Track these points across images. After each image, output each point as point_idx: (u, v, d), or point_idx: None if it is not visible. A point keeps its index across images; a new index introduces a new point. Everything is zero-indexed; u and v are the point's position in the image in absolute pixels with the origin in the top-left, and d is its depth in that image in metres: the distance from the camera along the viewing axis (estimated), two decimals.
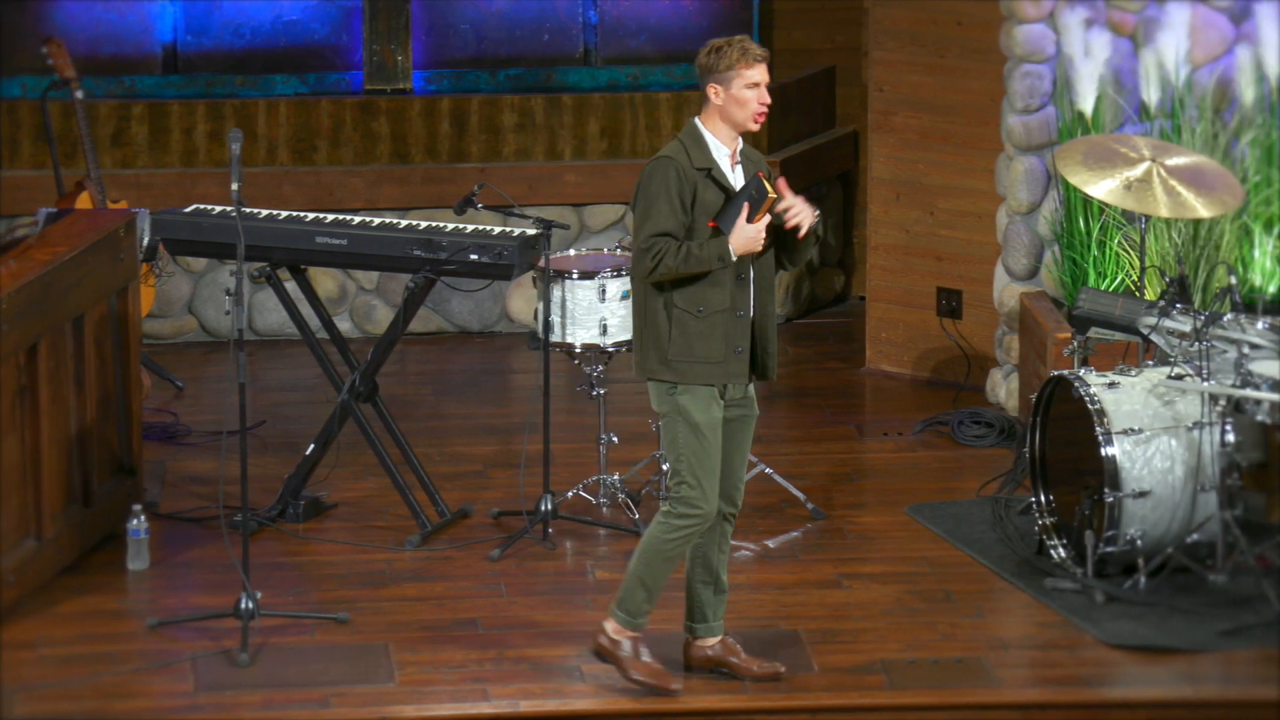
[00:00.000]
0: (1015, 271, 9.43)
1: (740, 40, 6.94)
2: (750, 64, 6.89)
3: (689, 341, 6.92)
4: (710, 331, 6.93)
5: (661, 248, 6.87)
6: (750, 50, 6.91)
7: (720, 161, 6.98)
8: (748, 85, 6.89)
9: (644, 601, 7.06)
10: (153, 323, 10.23)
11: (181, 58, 10.37)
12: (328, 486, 8.61)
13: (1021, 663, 7.39)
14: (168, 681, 7.22)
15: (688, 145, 6.96)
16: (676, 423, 6.95)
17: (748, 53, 6.90)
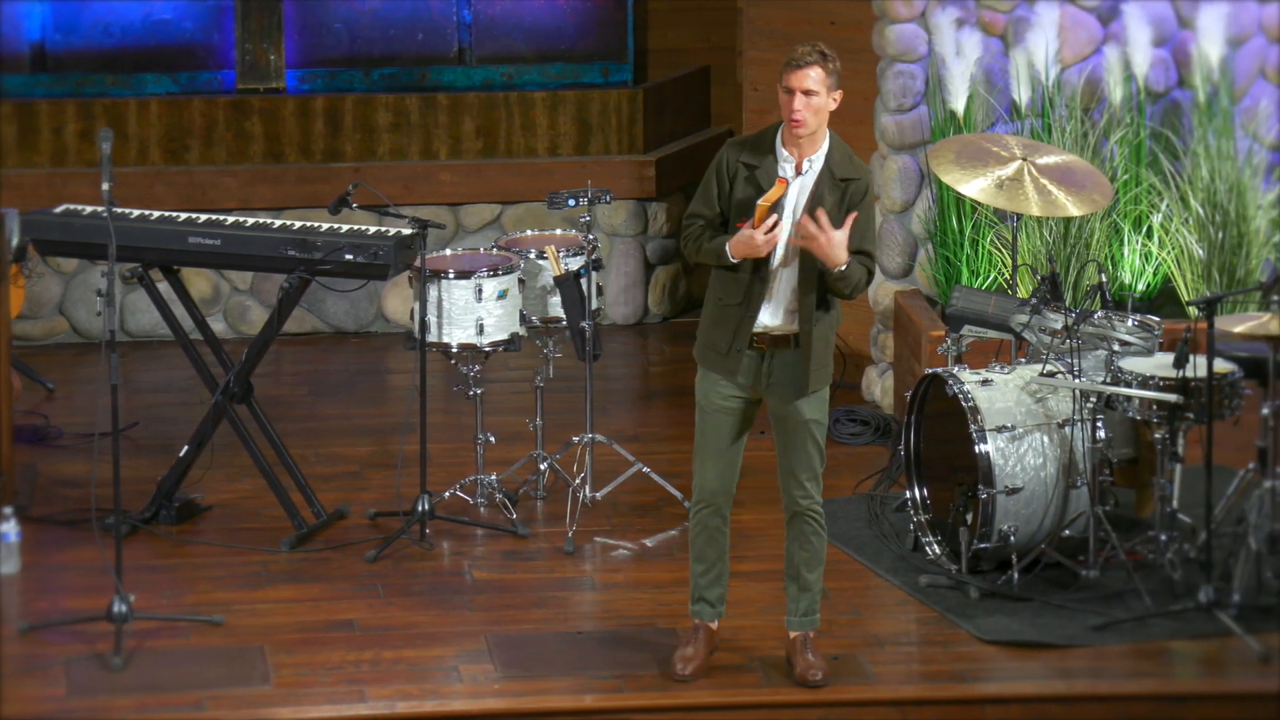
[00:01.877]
0: (890, 270, 9.49)
1: (803, 46, 6.96)
2: (789, 70, 6.93)
3: (708, 326, 7.09)
4: (723, 321, 7.05)
5: (688, 228, 7.05)
6: (793, 57, 6.95)
7: (779, 163, 6.98)
8: (784, 90, 6.94)
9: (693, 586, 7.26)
10: (23, 324, 10.11)
11: (50, 56, 10.26)
12: (202, 488, 8.54)
13: (897, 659, 7.43)
14: (40, 686, 7.15)
15: (753, 138, 7.05)
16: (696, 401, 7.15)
17: (790, 59, 6.95)
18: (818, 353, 7.06)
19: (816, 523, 7.20)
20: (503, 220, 10.45)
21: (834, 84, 6.99)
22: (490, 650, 7.43)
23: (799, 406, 7.09)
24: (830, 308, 7.09)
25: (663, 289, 10.64)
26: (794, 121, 6.92)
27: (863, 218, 7.00)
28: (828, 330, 7.09)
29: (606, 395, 9.63)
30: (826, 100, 6.97)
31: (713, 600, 7.28)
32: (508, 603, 7.78)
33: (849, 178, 7.01)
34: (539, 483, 8.61)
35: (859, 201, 7.01)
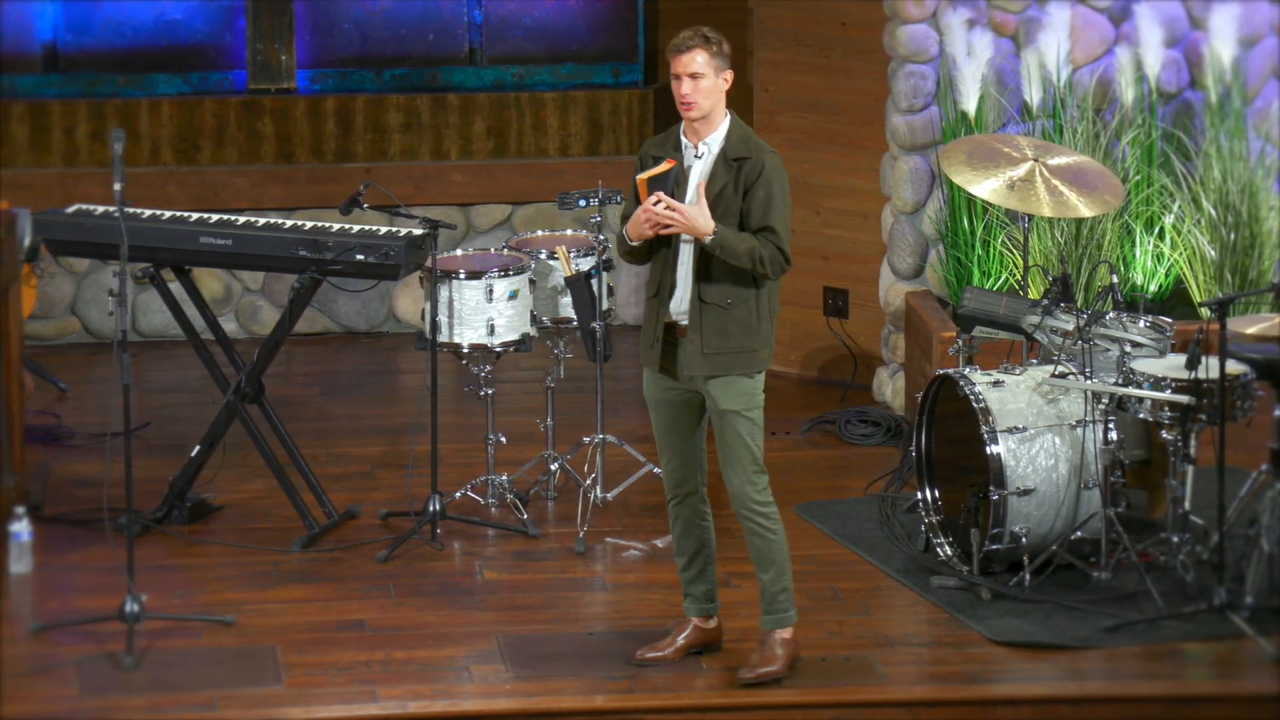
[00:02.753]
0: (900, 271, 9.49)
1: (686, 30, 7.00)
2: (672, 55, 6.99)
3: (642, 322, 7.16)
4: (647, 315, 7.11)
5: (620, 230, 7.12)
6: (675, 42, 6.99)
7: (682, 151, 7.02)
8: (673, 76, 6.98)
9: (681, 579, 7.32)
10: (35, 324, 10.12)
11: (62, 56, 10.27)
12: (214, 488, 8.55)
13: (908, 660, 7.43)
14: (52, 686, 7.15)
15: (665, 134, 7.11)
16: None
17: (673, 44, 6.99)
18: (713, 335, 6.99)
19: (754, 522, 7.13)
20: (513, 221, 10.46)
21: (721, 64, 6.99)
22: (501, 650, 7.43)
23: (714, 395, 7.07)
24: (748, 290, 7.00)
25: None
26: (683, 105, 6.95)
27: (761, 195, 6.97)
28: (745, 314, 7.00)
29: (617, 396, 9.64)
30: (715, 81, 6.97)
31: (697, 595, 7.26)
32: (519, 603, 7.79)
33: (742, 157, 7.00)
34: (550, 483, 8.61)
35: (754, 180, 6.98)
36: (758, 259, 6.95)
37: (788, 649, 7.21)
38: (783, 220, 7.00)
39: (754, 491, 7.10)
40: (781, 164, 7.03)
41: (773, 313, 7.11)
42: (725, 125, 7.01)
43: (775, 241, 6.98)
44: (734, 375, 7.04)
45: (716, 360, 7.03)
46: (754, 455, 7.11)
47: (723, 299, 6.99)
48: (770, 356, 7.14)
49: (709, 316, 7.00)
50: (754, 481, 7.10)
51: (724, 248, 6.93)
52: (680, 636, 7.28)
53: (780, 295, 9.96)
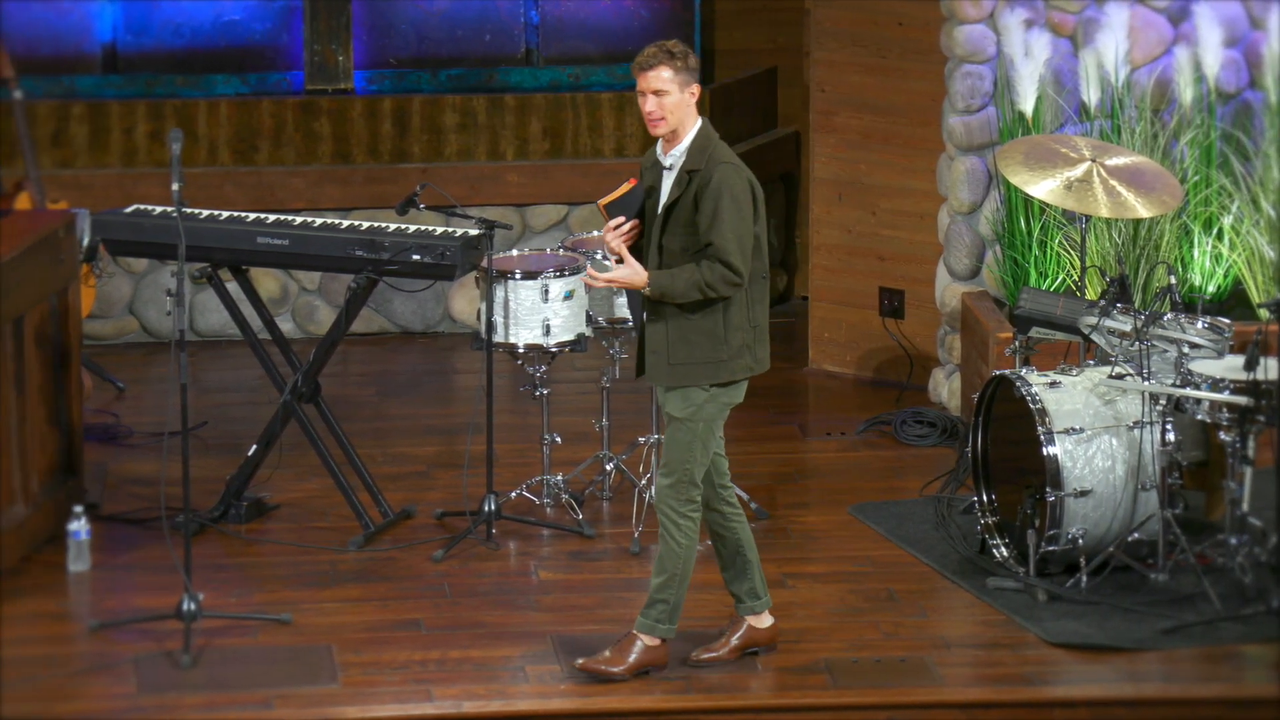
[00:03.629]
0: (957, 271, 9.46)
1: (651, 46, 6.99)
2: (637, 72, 7.00)
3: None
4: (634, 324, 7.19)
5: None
6: (639, 59, 6.99)
7: (662, 160, 7.05)
8: (638, 91, 6.98)
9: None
10: (94, 324, 10.18)
11: (121, 57, 10.32)
12: (270, 487, 8.58)
13: (964, 661, 7.41)
14: (110, 683, 7.19)
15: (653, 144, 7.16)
16: None
17: (637, 61, 7.00)
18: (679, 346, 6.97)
19: (664, 525, 7.11)
20: (569, 221, 10.46)
21: (687, 79, 6.97)
22: (556, 650, 7.44)
23: (666, 402, 7.09)
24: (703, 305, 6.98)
25: None
26: (649, 121, 6.96)
27: (708, 208, 6.94)
28: (710, 324, 6.97)
29: None
30: (681, 97, 6.95)
31: (741, 594, 7.26)
32: (574, 603, 7.79)
33: (694, 169, 6.99)
34: (605, 483, 8.61)
35: (703, 193, 6.96)
36: (703, 287, 6.92)
37: (641, 656, 7.16)
38: (728, 233, 6.93)
39: (673, 497, 7.08)
40: (737, 176, 6.97)
41: (754, 324, 7.04)
42: (690, 137, 7.00)
43: (718, 256, 6.92)
44: (686, 390, 7.04)
45: (683, 371, 7.01)
46: (684, 465, 7.06)
47: (686, 310, 6.99)
48: (747, 368, 7.05)
49: (673, 327, 6.99)
50: (677, 489, 7.08)
51: (665, 294, 6.94)
52: (734, 636, 7.27)
53: (817, 295, 9.95)
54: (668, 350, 6.99)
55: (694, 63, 7.01)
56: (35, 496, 8.03)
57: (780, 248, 10.87)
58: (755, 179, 7.06)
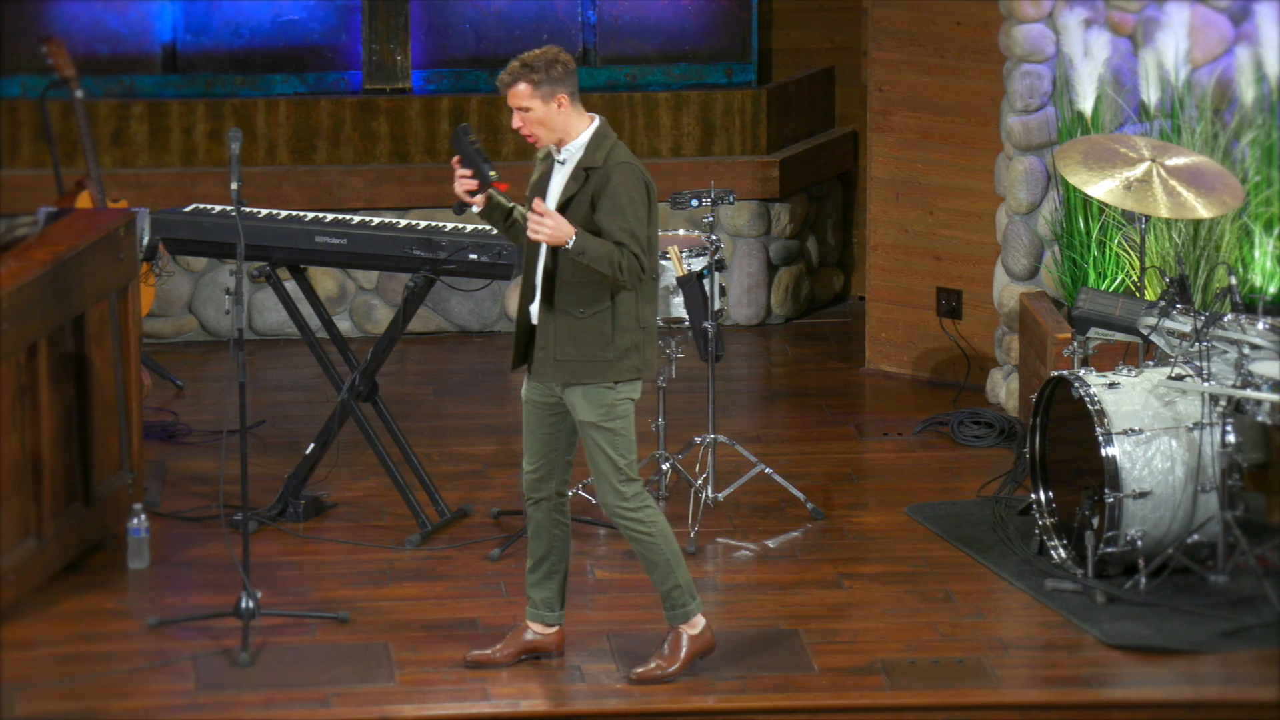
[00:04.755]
0: (1015, 272, 9.43)
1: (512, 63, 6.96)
2: (502, 92, 6.99)
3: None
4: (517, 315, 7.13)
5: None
6: (499, 79, 6.97)
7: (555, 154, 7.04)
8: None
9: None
10: (153, 322, 10.22)
11: (181, 57, 10.36)
12: (328, 486, 8.60)
13: (1022, 663, 7.39)
14: (168, 681, 7.22)
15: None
16: None
17: (498, 80, 6.98)
18: (566, 343, 6.94)
19: (627, 528, 7.06)
20: None
21: (551, 90, 6.91)
22: (612, 650, 7.44)
23: (573, 405, 7.04)
24: (602, 300, 6.94)
25: (785, 290, 10.63)
26: (527, 138, 6.97)
27: (608, 205, 6.92)
28: (600, 324, 6.94)
29: (729, 396, 9.63)
30: (547, 109, 6.91)
31: (537, 601, 7.20)
32: (630, 602, 7.79)
33: (591, 167, 6.96)
34: (661, 483, 8.61)
35: (601, 192, 6.93)
36: (616, 266, 6.90)
37: (691, 646, 7.14)
38: (633, 231, 6.92)
39: (619, 500, 7.06)
40: (634, 174, 6.94)
41: (643, 325, 7.01)
42: (586, 135, 6.97)
43: (631, 250, 6.92)
44: (591, 385, 6.99)
45: (568, 368, 6.98)
46: (616, 465, 7.04)
47: (574, 307, 6.95)
48: (635, 369, 7.01)
49: (561, 324, 6.97)
50: (619, 490, 7.05)
51: (585, 252, 6.88)
52: (516, 640, 7.22)
53: (874, 295, 9.93)
54: (554, 346, 6.98)
55: (559, 71, 6.91)
56: (95, 494, 8.07)
57: (837, 248, 10.85)
58: (652, 180, 7.03)
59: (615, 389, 7.01)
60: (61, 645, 7.43)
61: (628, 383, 7.03)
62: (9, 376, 7.58)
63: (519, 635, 7.28)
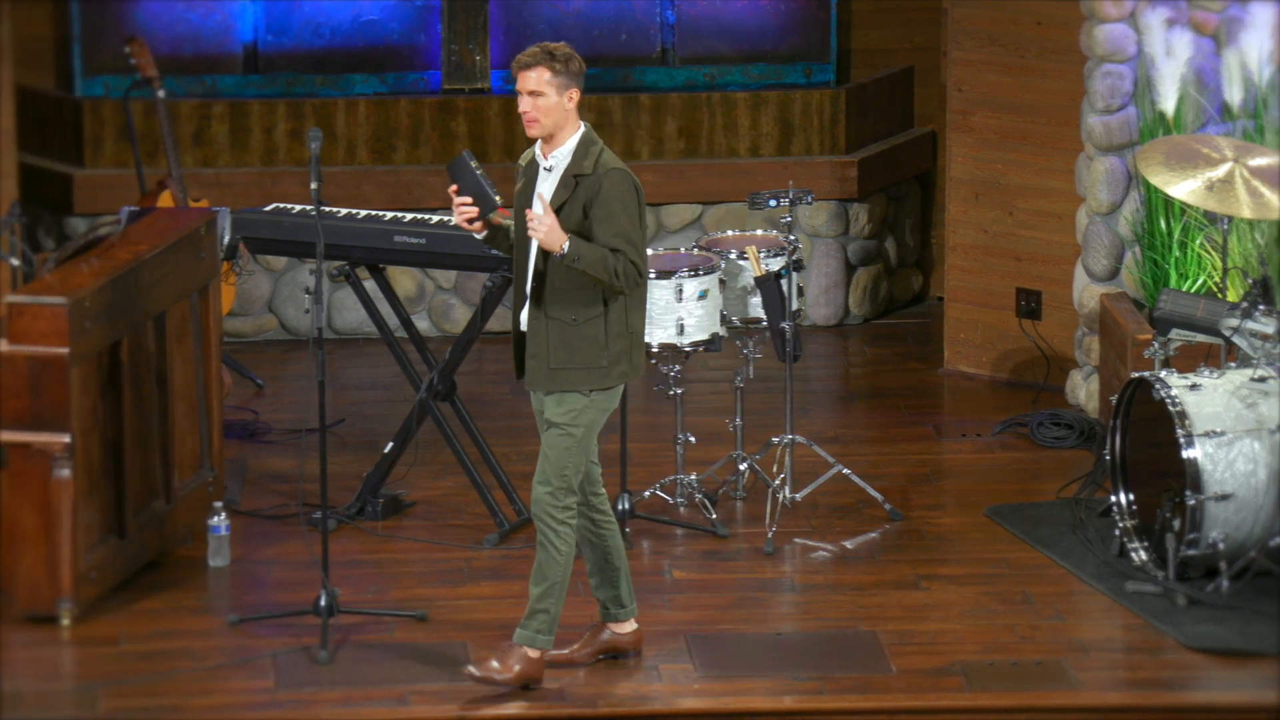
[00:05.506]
0: (1095, 272, 9.38)
1: (533, 46, 6.93)
2: (516, 71, 6.94)
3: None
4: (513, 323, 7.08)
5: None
6: (519, 58, 6.92)
7: (538, 163, 7.00)
8: (517, 91, 6.94)
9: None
10: (233, 321, 10.28)
11: (262, 57, 10.42)
12: (406, 485, 8.63)
13: (1102, 665, 7.35)
14: (248, 678, 7.26)
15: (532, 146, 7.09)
16: None
17: (517, 60, 6.93)
18: (560, 351, 6.90)
19: (542, 532, 7.01)
20: (704, 220, 10.46)
21: (566, 83, 6.87)
22: (690, 650, 7.44)
23: (548, 407, 6.99)
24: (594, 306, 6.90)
25: (864, 290, 10.60)
26: (525, 122, 6.90)
27: (602, 213, 6.88)
28: (594, 331, 6.90)
29: (806, 396, 9.61)
30: (558, 100, 6.87)
31: (606, 601, 7.17)
32: (707, 602, 7.79)
33: (581, 174, 6.92)
34: (738, 483, 8.61)
35: (594, 198, 6.90)
36: (612, 272, 6.87)
37: (525, 667, 7.06)
38: (628, 236, 6.89)
39: (551, 503, 7.00)
40: (625, 180, 6.91)
41: (632, 330, 6.97)
42: (573, 141, 6.93)
43: (627, 256, 6.89)
44: (571, 394, 6.96)
45: (563, 376, 6.94)
46: (561, 471, 6.98)
47: (567, 314, 6.92)
48: (624, 375, 6.98)
49: (554, 331, 6.93)
50: (555, 495, 7.00)
51: (580, 258, 6.84)
52: (594, 639, 7.20)
53: (953, 295, 9.89)
54: (548, 354, 6.94)
55: (576, 67, 6.91)
56: (176, 492, 8.12)
57: (915, 248, 10.82)
58: (640, 185, 7.00)
59: (589, 396, 6.96)
60: (142, 642, 7.48)
61: (605, 391, 6.98)
62: (91, 375, 7.64)
63: (596, 635, 7.28)
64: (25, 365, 7.44)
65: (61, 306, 7.45)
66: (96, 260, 7.83)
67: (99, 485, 7.70)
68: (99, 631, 7.54)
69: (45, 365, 7.44)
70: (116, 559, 7.79)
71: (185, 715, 7.05)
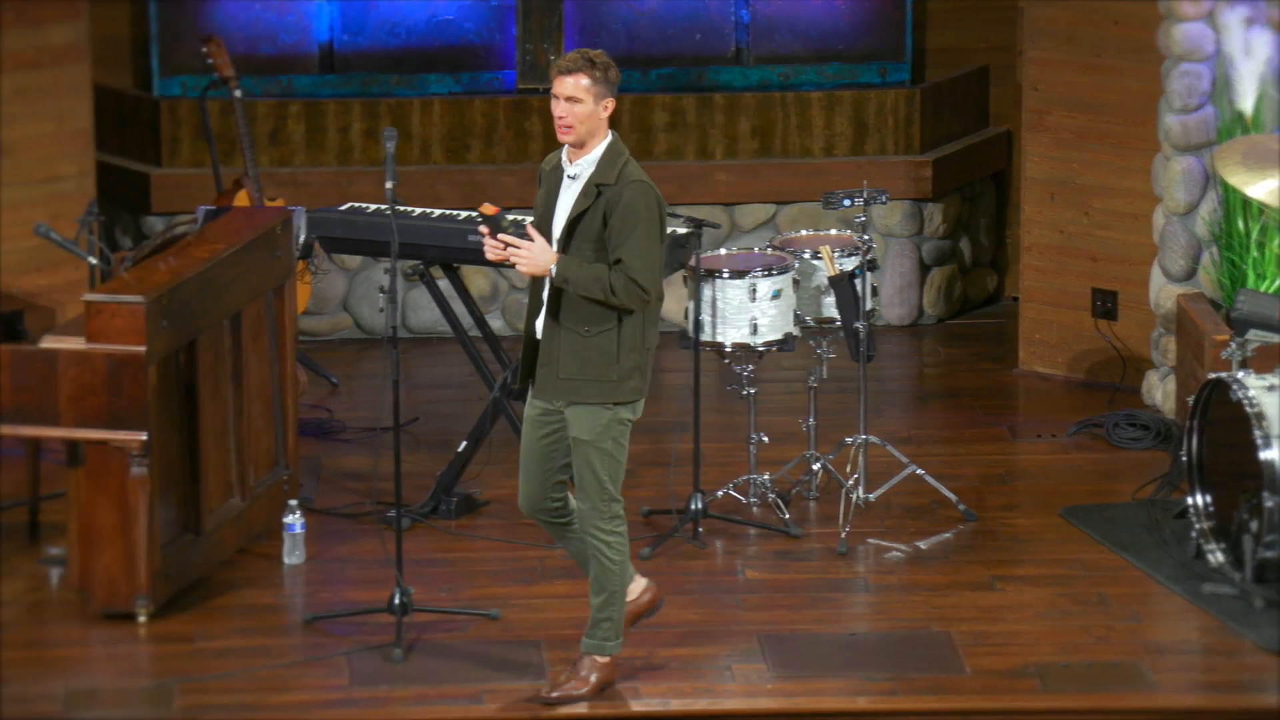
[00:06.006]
0: (1172, 273, 9.33)
1: (573, 52, 6.91)
2: (555, 75, 6.90)
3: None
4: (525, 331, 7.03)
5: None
6: (560, 63, 6.89)
7: (563, 169, 6.96)
8: (552, 95, 6.89)
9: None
10: (308, 320, 10.32)
11: (338, 57, 10.46)
12: (480, 484, 8.65)
13: (1178, 668, 7.31)
14: (323, 675, 7.29)
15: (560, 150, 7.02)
16: None
17: (557, 65, 6.90)
18: (570, 362, 6.86)
19: (595, 547, 6.98)
20: (778, 220, 10.45)
21: (604, 92, 6.84)
22: (763, 650, 7.43)
23: (570, 422, 6.93)
24: (608, 319, 6.86)
25: (938, 290, 10.57)
26: (559, 128, 6.85)
27: (618, 225, 6.83)
28: (606, 343, 6.86)
29: (880, 396, 9.59)
30: (594, 109, 6.83)
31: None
32: (780, 602, 7.78)
33: (604, 184, 6.87)
34: (812, 483, 8.59)
35: (614, 209, 6.84)
36: (607, 289, 6.81)
37: (600, 674, 7.05)
38: (640, 251, 6.83)
39: (599, 519, 6.97)
40: (648, 194, 6.86)
41: (647, 346, 6.93)
42: (600, 149, 6.89)
43: (628, 273, 6.83)
44: (593, 405, 6.90)
45: (571, 386, 6.90)
46: (602, 485, 6.94)
47: (580, 325, 6.87)
48: (637, 390, 6.93)
49: (565, 342, 6.89)
50: (600, 510, 6.96)
51: (569, 281, 6.82)
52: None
53: (1028, 296, 9.82)
54: (558, 364, 6.91)
55: (614, 76, 6.88)
56: (251, 490, 8.16)
57: (990, 248, 10.78)
58: (663, 200, 6.95)
59: (614, 410, 6.93)
60: (218, 640, 7.52)
61: (628, 404, 6.96)
62: (168, 373, 7.68)
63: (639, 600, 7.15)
64: (103, 363, 7.49)
65: (139, 305, 7.49)
66: (173, 259, 7.88)
67: (175, 483, 7.75)
68: (175, 629, 7.58)
69: (122, 363, 7.49)
70: (192, 556, 7.84)
71: (260, 713, 7.08)
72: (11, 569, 7.96)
